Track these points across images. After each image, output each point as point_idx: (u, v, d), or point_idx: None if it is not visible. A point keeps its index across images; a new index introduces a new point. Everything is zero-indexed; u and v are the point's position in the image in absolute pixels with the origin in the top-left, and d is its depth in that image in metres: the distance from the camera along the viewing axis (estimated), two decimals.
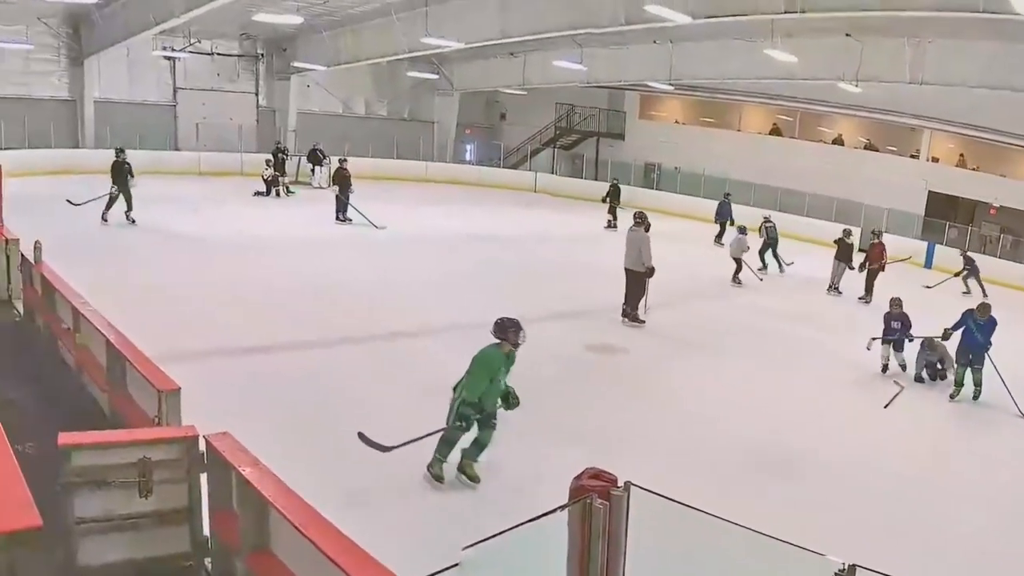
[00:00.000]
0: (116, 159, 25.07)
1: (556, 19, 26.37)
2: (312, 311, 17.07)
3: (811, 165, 38.62)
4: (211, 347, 13.92)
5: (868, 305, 23.13)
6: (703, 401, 13.91)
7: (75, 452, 6.27)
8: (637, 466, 5.61)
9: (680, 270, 19.11)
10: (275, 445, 7.26)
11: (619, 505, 3.73)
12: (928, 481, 11.57)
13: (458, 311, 17.73)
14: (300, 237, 25.77)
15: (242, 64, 42.58)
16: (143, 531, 6.49)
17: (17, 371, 11.07)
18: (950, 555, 9.18)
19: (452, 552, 3.63)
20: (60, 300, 12.04)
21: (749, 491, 10.17)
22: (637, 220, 18.54)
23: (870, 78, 28.69)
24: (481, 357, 9.60)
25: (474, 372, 9.55)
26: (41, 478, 6.17)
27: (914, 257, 29.87)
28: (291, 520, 5.53)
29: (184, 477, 6.59)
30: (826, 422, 13.44)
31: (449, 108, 49.18)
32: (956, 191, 35.41)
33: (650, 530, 3.79)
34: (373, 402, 12.20)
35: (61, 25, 35.97)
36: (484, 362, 9.55)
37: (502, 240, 28.75)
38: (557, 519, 3.76)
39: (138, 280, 17.66)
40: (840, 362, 16.95)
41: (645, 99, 46.38)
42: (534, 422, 11.27)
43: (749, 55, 30.95)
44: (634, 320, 18.27)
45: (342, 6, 33.69)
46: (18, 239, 14.64)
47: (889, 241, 32.01)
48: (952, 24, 23.32)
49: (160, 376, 8.25)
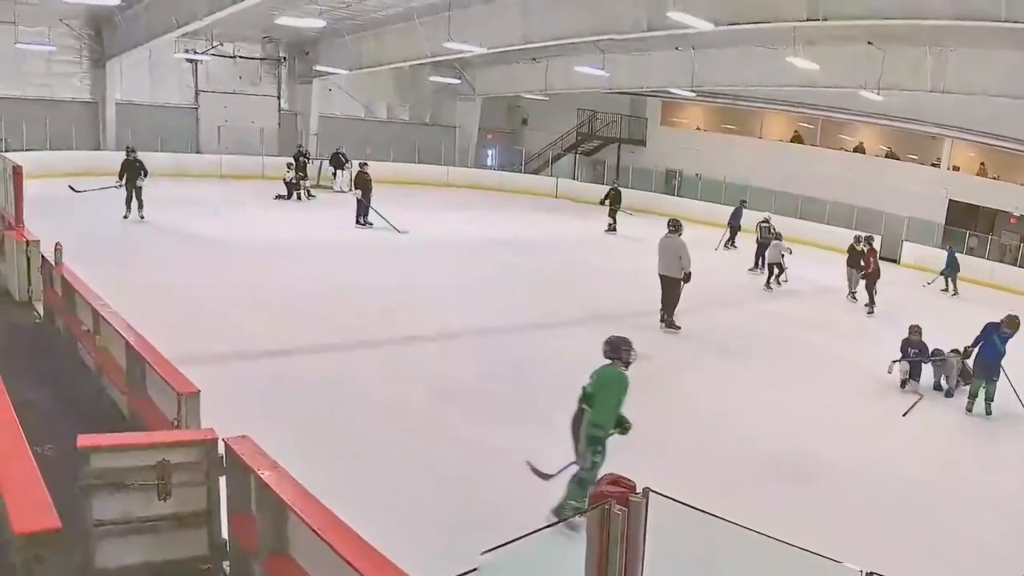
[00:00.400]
0: (127, 157, 25.42)
1: (578, 25, 26.35)
2: (331, 314, 17.04)
3: (832, 173, 38.55)
4: (231, 350, 13.91)
5: (872, 315, 23.03)
6: (721, 407, 13.87)
7: (94, 454, 6.29)
8: (656, 471, 5.60)
9: (699, 276, 19.03)
10: (294, 448, 7.24)
11: (637, 511, 3.73)
12: (941, 488, 11.52)
13: (477, 316, 17.78)
14: (320, 241, 25.80)
15: (264, 67, 42.72)
16: (161, 534, 6.51)
17: (36, 372, 11.10)
18: (962, 561, 9.16)
19: (472, 556, 3.62)
20: (80, 302, 12.09)
21: (765, 496, 10.15)
22: (672, 227, 18.54)
23: (891, 86, 28.62)
24: (609, 379, 9.01)
25: (603, 396, 8.92)
26: (60, 480, 6.20)
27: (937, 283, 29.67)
28: (309, 523, 5.53)
29: (203, 480, 6.61)
30: (841, 429, 13.36)
31: (471, 113, 49.30)
32: (976, 200, 35.24)
33: (668, 535, 3.78)
34: (391, 405, 12.21)
35: (83, 27, 36.23)
36: (616, 384, 8.98)
37: (522, 245, 28.78)
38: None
39: (158, 282, 17.67)
40: (856, 370, 16.88)
41: (667, 105, 46.38)
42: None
43: (771, 62, 30.94)
44: (671, 326, 18.27)
45: (364, 10, 33.74)
46: (38, 241, 14.71)
47: (910, 250, 32.16)
48: (973, 33, 23.28)
49: (180, 379, 8.27)
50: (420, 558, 5.59)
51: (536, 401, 12.82)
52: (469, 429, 11.66)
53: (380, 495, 9.05)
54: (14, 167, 16.22)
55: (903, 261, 34.32)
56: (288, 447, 6.97)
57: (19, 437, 6.78)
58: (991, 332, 14.93)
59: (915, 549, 9.20)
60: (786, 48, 28.28)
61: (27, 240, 14.74)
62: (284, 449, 6.64)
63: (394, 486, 9.44)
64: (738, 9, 21.49)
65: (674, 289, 18.41)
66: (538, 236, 31.21)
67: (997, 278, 31.42)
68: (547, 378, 13.71)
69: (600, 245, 30.95)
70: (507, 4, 28.20)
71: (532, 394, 13.31)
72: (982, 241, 33.65)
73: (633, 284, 18.57)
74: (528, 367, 14.94)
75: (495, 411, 12.50)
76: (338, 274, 20.94)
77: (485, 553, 3.57)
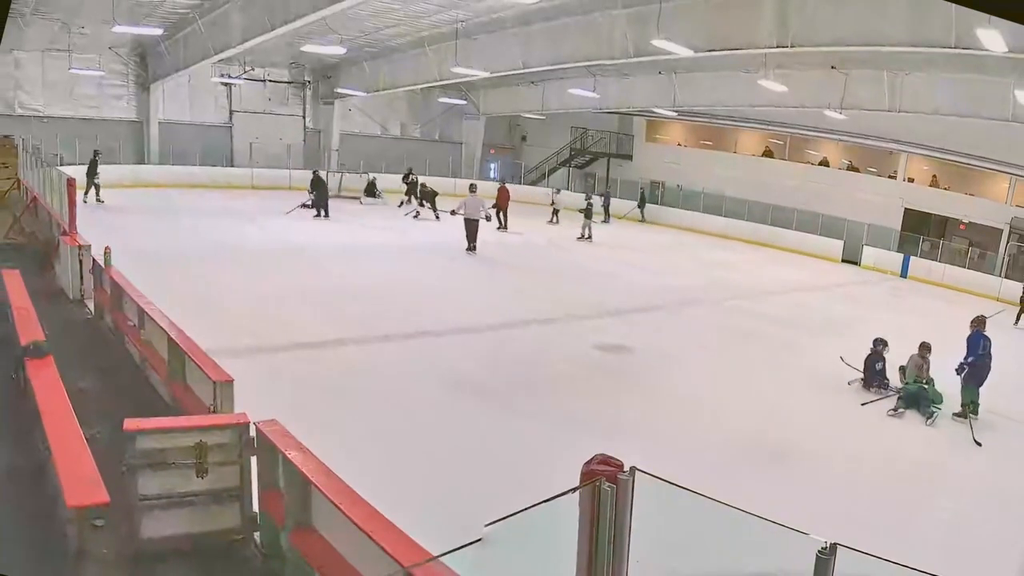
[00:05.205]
0: (93, 158, 29.60)
1: (572, 52, 26.38)
2: (350, 312, 17.05)
3: (799, 184, 38.55)
4: (262, 344, 13.87)
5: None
6: (699, 396, 13.80)
7: (139, 436, 6.32)
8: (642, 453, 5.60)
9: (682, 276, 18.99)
10: (318, 431, 7.25)
11: (625, 488, 3.74)
12: (910, 473, 11.48)
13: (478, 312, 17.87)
14: (344, 244, 25.89)
15: (291, 90, 42.77)
16: (199, 508, 6.54)
17: (88, 363, 11.12)
18: (928, 538, 9.11)
19: (476, 527, 3.63)
20: (127, 300, 12.12)
21: (741, 477, 10.13)
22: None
23: (853, 106, 28.71)
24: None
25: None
26: (109, 459, 6.23)
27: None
28: (331, 499, 5.55)
29: (236, 459, 6.64)
30: (810, 417, 13.33)
31: (476, 131, 49.27)
32: (929, 208, 35.23)
33: (653, 510, 3.79)
34: (404, 393, 12.22)
35: (130, 54, 36.38)
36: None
37: (516, 247, 28.89)
38: (569, 500, 3.77)
39: (198, 282, 17.67)
40: (823, 365, 16.68)
41: (651, 124, 46.23)
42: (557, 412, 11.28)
43: (744, 85, 30.96)
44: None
45: (380, 39, 33.83)
46: (90, 245, 14.78)
47: (870, 254, 32.22)
48: (927, 58, 23.37)
49: (216, 368, 8.31)
50: (432, 529, 5.60)
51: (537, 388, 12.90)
52: (482, 415, 11.71)
53: (397, 473, 9.04)
54: (68, 179, 16.29)
55: (863, 263, 34.41)
56: (313, 430, 6.99)
57: (72, 421, 6.84)
58: (979, 339, 13.58)
59: (882, 525, 9.17)
60: (758, 72, 28.37)
61: (79, 244, 14.80)
62: (309, 432, 6.67)
63: (410, 465, 9.44)
64: (715, 37, 21.49)
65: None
66: (533, 240, 31.11)
67: (948, 278, 31.56)
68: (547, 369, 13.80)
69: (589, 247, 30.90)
70: (509, 33, 28.26)
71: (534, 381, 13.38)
72: (934, 245, 33.65)
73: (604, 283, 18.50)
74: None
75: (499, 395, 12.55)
76: (355, 275, 20.90)
77: (489, 525, 3.58)
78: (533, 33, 27.55)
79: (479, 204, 26.20)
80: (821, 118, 32.99)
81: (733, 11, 21.02)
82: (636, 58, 24.78)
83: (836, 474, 10.95)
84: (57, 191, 17.47)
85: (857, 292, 26.30)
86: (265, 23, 24.26)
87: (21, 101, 33.94)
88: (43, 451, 6.95)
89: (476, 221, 25.81)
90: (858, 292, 26.28)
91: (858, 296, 25.32)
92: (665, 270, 26.43)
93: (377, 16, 29.41)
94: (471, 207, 25.94)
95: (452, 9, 27.51)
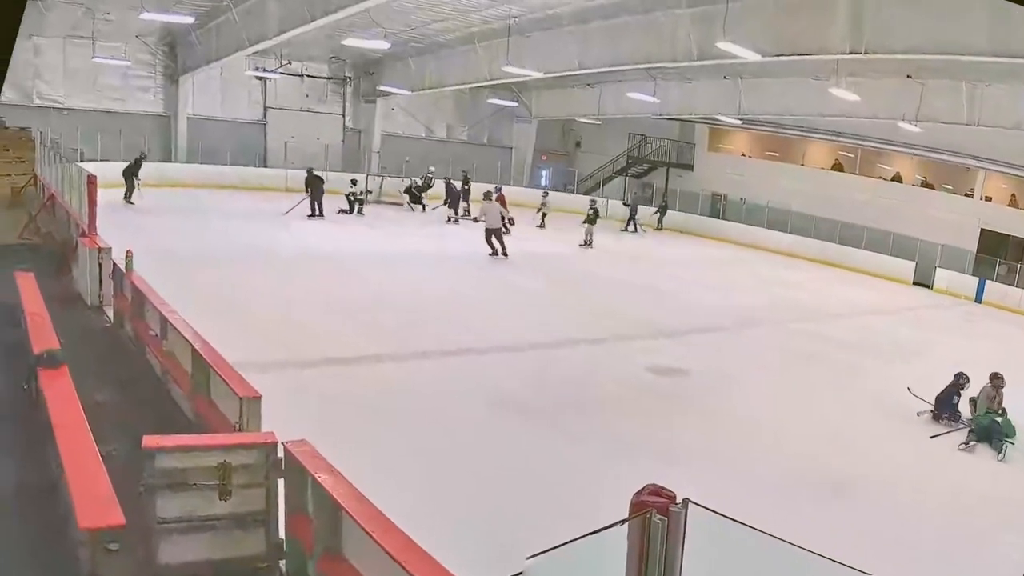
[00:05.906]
0: (139, 158, 31.08)
1: (632, 52, 26.38)
2: (387, 325, 17.12)
3: (870, 200, 38.39)
4: (292, 358, 13.96)
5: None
6: (758, 418, 13.80)
7: (159, 454, 6.33)
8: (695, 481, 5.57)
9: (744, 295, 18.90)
10: (350, 452, 7.25)
11: (677, 521, 3.72)
12: (977, 508, 11.34)
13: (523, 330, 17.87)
14: (379, 253, 26.04)
15: (330, 86, 43.17)
16: (221, 532, 6.54)
17: (105, 375, 11.20)
18: None
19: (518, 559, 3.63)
20: (149, 308, 12.20)
21: (802, 501, 10.11)
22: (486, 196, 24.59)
23: (929, 118, 28.53)
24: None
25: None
26: (126, 479, 6.26)
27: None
28: (363, 526, 5.54)
29: (262, 481, 6.64)
30: (875, 445, 13.25)
31: (527, 135, 49.48)
32: (1008, 229, 34.88)
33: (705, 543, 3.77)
34: (444, 413, 12.24)
35: (158, 43, 36.83)
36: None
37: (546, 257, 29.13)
38: (617, 532, 3.76)
39: (224, 289, 17.84)
40: (891, 391, 16.48)
41: (714, 132, 46.25)
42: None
43: (814, 93, 30.91)
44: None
45: (427, 34, 33.97)
46: (110, 248, 14.90)
47: (943, 277, 32.03)
48: (1009, 69, 23.07)
49: (242, 383, 8.32)
50: (469, 562, 5.59)
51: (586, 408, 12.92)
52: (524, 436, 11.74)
53: (433, 499, 9.03)
54: (88, 176, 16.43)
55: (936, 287, 34.13)
56: (345, 452, 6.99)
57: (87, 437, 6.87)
58: None
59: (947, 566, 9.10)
60: (829, 79, 28.16)
61: (99, 247, 14.92)
62: (341, 454, 6.66)
63: (448, 490, 9.44)
64: (784, 41, 21.41)
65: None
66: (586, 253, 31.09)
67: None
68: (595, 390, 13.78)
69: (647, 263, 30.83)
70: (564, 31, 28.26)
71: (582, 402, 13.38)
72: (1012, 269, 33.34)
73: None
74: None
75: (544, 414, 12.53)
76: (398, 283, 21.15)
77: (531, 558, 3.58)
78: (590, 31, 27.53)
79: (499, 211, 27.47)
80: (894, 130, 32.75)
81: (804, 14, 20.91)
82: (699, 61, 24.75)
83: (900, 504, 10.89)
84: (77, 189, 17.60)
85: (928, 316, 26.23)
86: (304, 14, 24.32)
87: (40, 91, 34.36)
88: (55, 468, 7.00)
89: (498, 229, 27.08)
90: (929, 316, 26.20)
91: (929, 321, 25.24)
92: (714, 287, 26.33)
93: (424, 9, 29.56)
94: (491, 215, 27.32)
95: (505, 4, 27.50)
